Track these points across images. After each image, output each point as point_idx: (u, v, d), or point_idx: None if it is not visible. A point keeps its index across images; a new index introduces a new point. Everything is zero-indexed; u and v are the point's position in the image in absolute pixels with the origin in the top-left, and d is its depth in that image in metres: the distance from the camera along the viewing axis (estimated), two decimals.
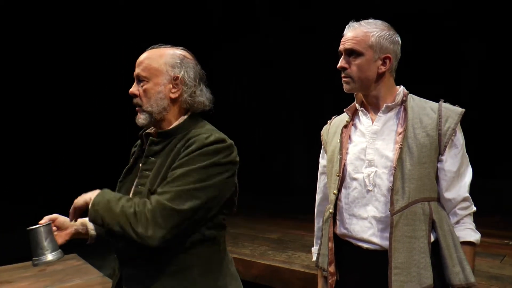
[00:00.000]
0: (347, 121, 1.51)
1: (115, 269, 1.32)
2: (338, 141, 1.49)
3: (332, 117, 1.66)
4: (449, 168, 1.34)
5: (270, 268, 3.13)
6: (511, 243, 3.46)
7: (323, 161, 1.63)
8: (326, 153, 1.59)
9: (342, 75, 1.42)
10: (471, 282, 1.29)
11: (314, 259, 1.66)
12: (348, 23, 1.44)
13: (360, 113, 1.48)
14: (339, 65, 1.41)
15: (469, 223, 1.37)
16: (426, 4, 5.40)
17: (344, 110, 1.54)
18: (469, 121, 1.44)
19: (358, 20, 1.43)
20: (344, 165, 1.44)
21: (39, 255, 1.17)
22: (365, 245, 1.39)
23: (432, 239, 1.33)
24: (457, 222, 1.37)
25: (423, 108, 1.38)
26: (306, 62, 6.55)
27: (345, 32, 1.42)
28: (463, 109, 1.37)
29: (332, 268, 1.47)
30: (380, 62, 1.37)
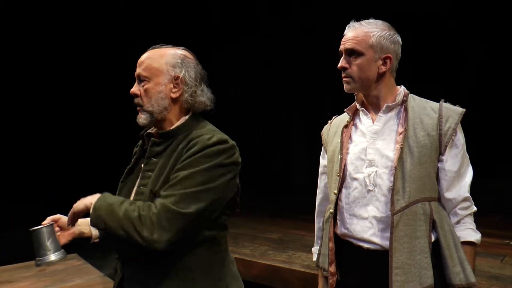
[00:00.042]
0: (347, 121, 1.51)
1: (117, 269, 1.32)
2: (339, 141, 1.49)
3: (333, 117, 1.66)
4: (450, 168, 1.35)
5: (270, 268, 3.13)
6: (511, 243, 3.46)
7: (323, 161, 1.63)
8: (326, 153, 1.59)
9: (343, 75, 1.42)
10: (472, 282, 1.29)
11: (314, 259, 1.66)
12: (348, 23, 1.44)
13: (360, 113, 1.49)
14: (339, 65, 1.41)
15: (470, 223, 1.37)
16: (426, 4, 5.40)
17: (345, 110, 1.55)
18: (469, 121, 1.44)
19: (358, 20, 1.43)
20: (345, 165, 1.44)
21: (42, 255, 1.18)
22: (365, 245, 1.39)
23: (433, 239, 1.33)
24: (458, 222, 1.37)
25: (423, 108, 1.38)
26: (306, 62, 6.55)
27: (345, 32, 1.42)
28: (464, 109, 1.37)
29: (332, 268, 1.47)
30: (381, 62, 1.37)
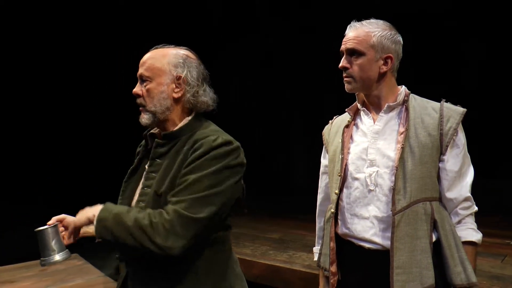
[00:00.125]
0: (348, 121, 1.51)
1: (120, 268, 1.32)
2: (340, 140, 1.49)
3: (334, 117, 1.66)
4: (451, 168, 1.35)
5: (271, 268, 3.13)
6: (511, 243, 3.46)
7: (324, 160, 1.63)
8: (327, 152, 1.59)
9: (344, 75, 1.42)
10: (473, 282, 1.29)
11: (315, 258, 1.66)
12: (348, 23, 1.44)
13: (361, 113, 1.48)
14: (340, 65, 1.41)
15: (471, 223, 1.37)
16: (426, 4, 5.40)
17: (346, 110, 1.55)
18: (469, 121, 1.44)
19: (359, 20, 1.43)
20: (346, 165, 1.44)
21: (46, 255, 1.18)
22: (366, 245, 1.39)
23: (434, 239, 1.33)
24: (459, 222, 1.37)
25: (424, 108, 1.38)
26: (306, 62, 6.55)
27: (346, 32, 1.42)
28: (465, 109, 1.37)
29: (333, 268, 1.47)
30: (382, 62, 1.37)
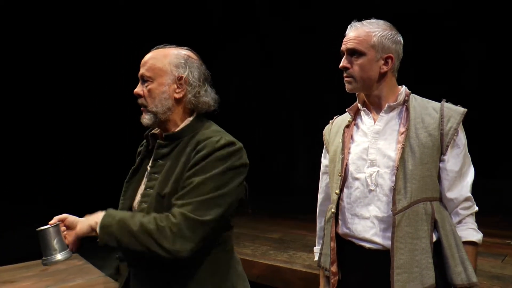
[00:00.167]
0: (349, 121, 1.51)
1: (120, 268, 1.32)
2: (340, 140, 1.49)
3: (334, 117, 1.66)
4: (451, 168, 1.35)
5: (271, 268, 3.13)
6: None
7: (325, 160, 1.64)
8: (328, 152, 1.59)
9: (344, 75, 1.42)
10: (473, 282, 1.30)
11: (316, 258, 1.66)
12: (348, 23, 1.44)
13: (362, 113, 1.49)
14: (341, 65, 1.41)
15: (471, 223, 1.37)
16: (426, 4, 5.40)
17: (346, 110, 1.55)
18: (469, 121, 1.44)
19: (359, 20, 1.43)
20: (346, 165, 1.44)
21: (48, 255, 1.19)
22: (367, 245, 1.39)
23: (434, 238, 1.33)
24: (459, 222, 1.37)
25: (425, 108, 1.38)
26: (306, 62, 6.55)
27: (347, 32, 1.42)
28: (465, 109, 1.37)
29: (334, 268, 1.47)
30: (382, 62, 1.37)
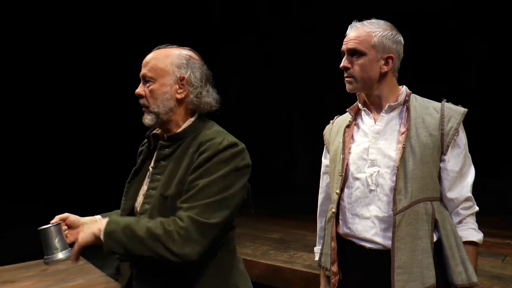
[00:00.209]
0: (349, 121, 1.51)
1: (120, 268, 1.32)
2: (341, 140, 1.49)
3: (335, 117, 1.66)
4: (452, 168, 1.35)
5: (272, 268, 3.14)
6: None
7: (325, 160, 1.64)
8: (328, 152, 1.60)
9: (345, 75, 1.42)
10: (474, 282, 1.30)
11: (316, 258, 1.66)
12: (348, 23, 1.44)
13: (362, 113, 1.49)
14: (342, 65, 1.41)
15: (472, 223, 1.37)
16: (426, 4, 5.40)
17: (347, 110, 1.55)
18: (470, 121, 1.45)
19: (360, 20, 1.43)
20: (347, 165, 1.44)
21: (49, 254, 1.19)
22: (367, 245, 1.39)
23: (435, 238, 1.33)
24: (460, 222, 1.37)
25: (425, 108, 1.38)
26: (306, 62, 6.55)
27: (347, 32, 1.42)
28: (466, 109, 1.37)
29: (335, 268, 1.47)
30: (383, 62, 1.38)
